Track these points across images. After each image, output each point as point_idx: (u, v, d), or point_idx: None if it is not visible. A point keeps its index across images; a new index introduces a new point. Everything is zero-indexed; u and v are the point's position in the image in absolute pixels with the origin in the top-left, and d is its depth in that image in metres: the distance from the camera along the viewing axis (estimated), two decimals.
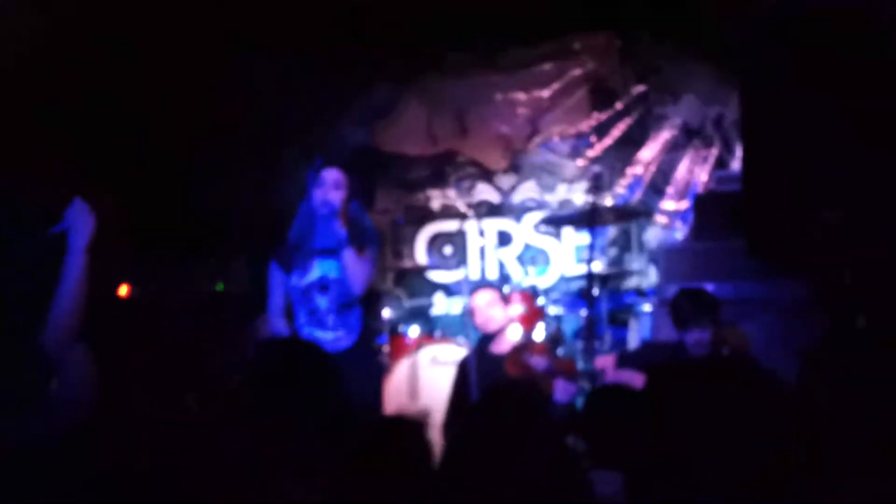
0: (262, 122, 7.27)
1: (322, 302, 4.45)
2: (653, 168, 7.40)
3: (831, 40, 3.37)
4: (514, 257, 7.58)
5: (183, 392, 2.80)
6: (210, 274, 6.89)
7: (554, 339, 6.05)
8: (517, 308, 5.78)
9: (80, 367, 2.78)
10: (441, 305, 7.26)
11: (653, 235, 7.34)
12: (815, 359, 2.03)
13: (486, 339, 5.36)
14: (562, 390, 4.87)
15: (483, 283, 5.64)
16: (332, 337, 4.44)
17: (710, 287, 5.17)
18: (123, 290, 6.26)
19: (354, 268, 4.34)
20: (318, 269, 4.48)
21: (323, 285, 4.47)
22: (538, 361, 5.07)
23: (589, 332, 5.14)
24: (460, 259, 7.64)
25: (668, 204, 7.35)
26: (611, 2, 6.99)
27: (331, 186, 4.45)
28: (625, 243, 7.38)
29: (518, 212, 7.64)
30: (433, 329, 6.92)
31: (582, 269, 7.11)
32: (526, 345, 5.39)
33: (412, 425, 2.56)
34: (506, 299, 5.43)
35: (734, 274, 5.67)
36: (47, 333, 2.82)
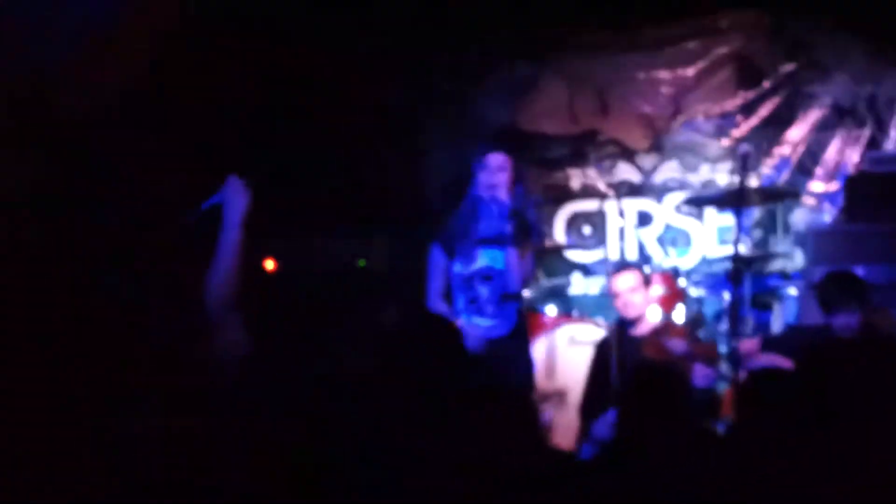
0: (404, 98, 7.38)
1: (484, 291, 4.51)
2: (801, 148, 7.19)
3: None
4: (654, 238, 7.48)
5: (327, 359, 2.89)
6: (353, 250, 7.03)
7: (694, 322, 5.98)
8: (657, 289, 5.72)
9: (236, 333, 2.90)
10: (579, 285, 7.22)
11: (800, 217, 7.14)
12: None
13: (626, 320, 5.32)
14: (701, 375, 4.83)
15: (624, 265, 5.55)
16: (489, 324, 4.51)
17: (860, 270, 5.02)
18: (270, 265, 6.45)
19: (517, 266, 4.37)
20: (482, 259, 4.53)
21: (486, 275, 4.52)
22: (677, 345, 5.03)
23: (732, 314, 5.04)
24: (599, 239, 7.58)
25: (817, 185, 7.13)
26: None
27: (495, 170, 4.50)
28: (770, 225, 7.19)
29: (659, 192, 7.53)
30: (570, 309, 6.90)
31: (724, 251, 6.97)
32: (665, 327, 5.34)
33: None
34: (647, 281, 5.37)
35: (886, 257, 5.50)
36: (206, 302, 2.95)
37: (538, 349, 6.17)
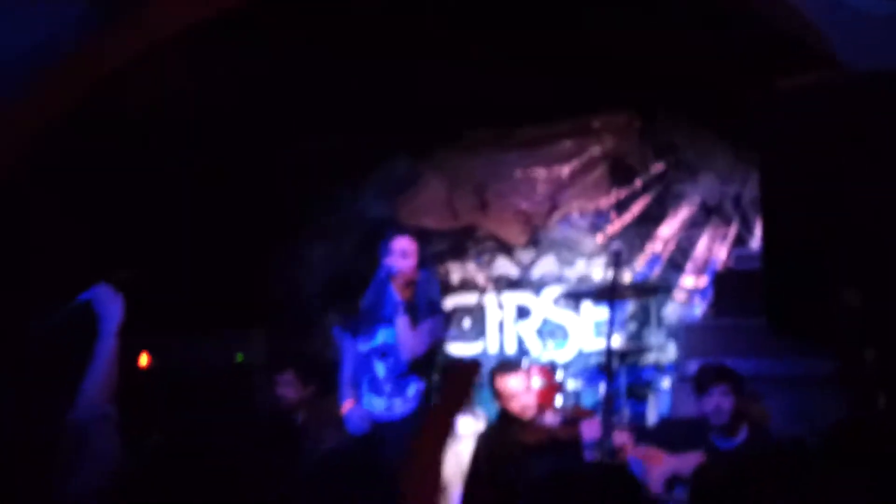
0: (280, 195, 7.36)
1: (380, 369, 4.47)
2: (672, 245, 7.42)
3: (849, 119, 3.42)
4: (532, 331, 7.58)
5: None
6: (229, 345, 6.91)
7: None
8: (536, 382, 5.76)
9: (109, 439, 2.82)
10: None
11: (672, 311, 7.34)
12: (834, 440, 2.03)
13: (504, 413, 5.32)
14: (589, 427, 4.84)
15: (510, 365, 5.43)
16: (385, 405, 4.45)
17: (729, 363, 5.16)
18: (143, 360, 6.30)
19: (405, 336, 4.34)
20: (381, 336, 4.50)
21: (383, 352, 4.49)
22: (553, 418, 5.06)
23: (607, 406, 5.12)
24: (479, 332, 7.65)
25: (688, 280, 7.36)
26: (628, 82, 7.09)
27: (398, 255, 4.50)
28: (644, 319, 7.37)
29: (537, 286, 7.66)
30: None
31: (600, 344, 7.09)
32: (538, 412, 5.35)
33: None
34: (528, 376, 5.36)
35: (754, 351, 5.66)
36: (78, 408, 2.86)
37: None
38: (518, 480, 4.80)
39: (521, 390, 5.13)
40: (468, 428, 6.01)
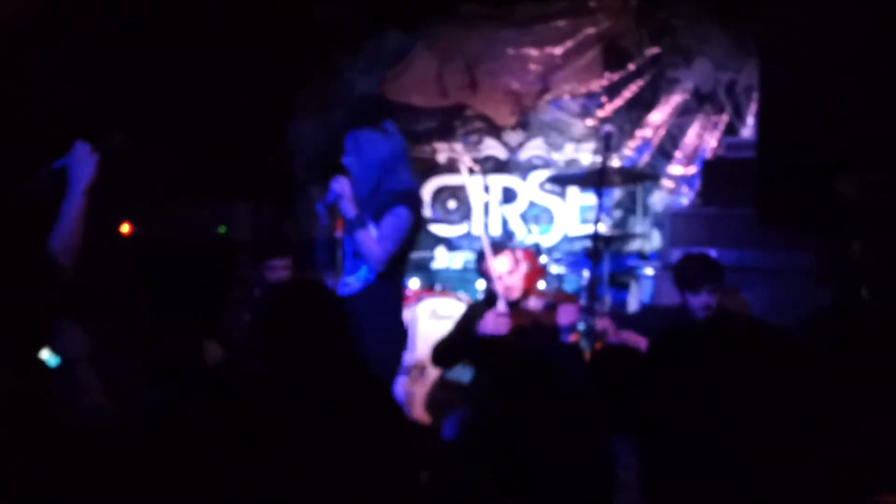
0: (272, 64, 7.22)
1: (345, 245, 4.44)
2: (662, 131, 7.35)
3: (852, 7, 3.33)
4: (518, 214, 7.55)
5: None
6: (213, 217, 6.86)
7: None
8: (522, 265, 5.74)
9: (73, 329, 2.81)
10: (442, 259, 7.24)
11: (658, 199, 7.31)
12: (815, 328, 2.02)
13: (489, 295, 5.31)
14: (565, 312, 4.89)
15: (498, 246, 5.38)
16: (346, 280, 4.43)
17: (713, 253, 5.16)
18: (125, 228, 6.24)
19: (369, 245, 4.27)
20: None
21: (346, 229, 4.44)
22: (536, 303, 5.07)
23: (591, 292, 5.12)
24: (464, 214, 7.62)
25: (676, 168, 7.31)
26: None
27: (333, 192, 4.38)
28: (630, 206, 7.35)
29: (524, 169, 7.60)
30: (433, 282, 6.91)
31: (585, 230, 7.08)
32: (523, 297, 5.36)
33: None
34: (517, 262, 5.32)
35: (739, 241, 5.67)
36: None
37: None
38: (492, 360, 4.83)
39: (504, 272, 5.11)
40: (452, 310, 6.03)
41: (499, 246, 5.36)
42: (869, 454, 1.76)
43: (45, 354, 2.74)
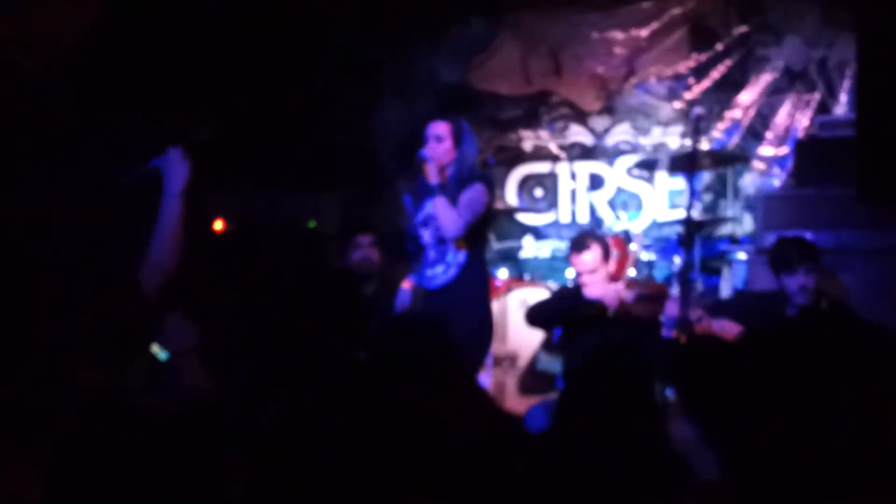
0: (357, 58, 7.27)
1: (426, 236, 4.62)
2: (752, 112, 7.19)
3: None
4: (605, 201, 7.47)
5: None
6: (303, 211, 6.93)
7: None
8: (611, 263, 5.68)
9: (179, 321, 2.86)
10: (530, 248, 7.20)
11: (749, 182, 7.16)
12: None
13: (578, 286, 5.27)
14: (671, 308, 4.90)
15: (585, 241, 5.31)
16: (431, 273, 4.56)
17: (808, 235, 5.04)
18: (219, 225, 6.35)
19: (444, 215, 4.43)
20: (427, 207, 4.62)
21: (425, 221, 4.62)
22: (627, 294, 5.06)
23: (683, 278, 5.04)
24: (551, 202, 7.56)
25: (767, 149, 7.15)
26: None
27: (433, 140, 4.58)
28: (720, 189, 7.21)
29: (611, 155, 7.51)
30: (522, 272, 6.88)
31: (675, 215, 6.98)
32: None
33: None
34: (607, 255, 5.24)
35: (836, 222, 5.52)
36: (144, 272, 2.89)
37: None
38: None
39: (585, 270, 5.10)
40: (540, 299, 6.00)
41: (585, 242, 5.24)
42: None
43: (155, 349, 2.82)
